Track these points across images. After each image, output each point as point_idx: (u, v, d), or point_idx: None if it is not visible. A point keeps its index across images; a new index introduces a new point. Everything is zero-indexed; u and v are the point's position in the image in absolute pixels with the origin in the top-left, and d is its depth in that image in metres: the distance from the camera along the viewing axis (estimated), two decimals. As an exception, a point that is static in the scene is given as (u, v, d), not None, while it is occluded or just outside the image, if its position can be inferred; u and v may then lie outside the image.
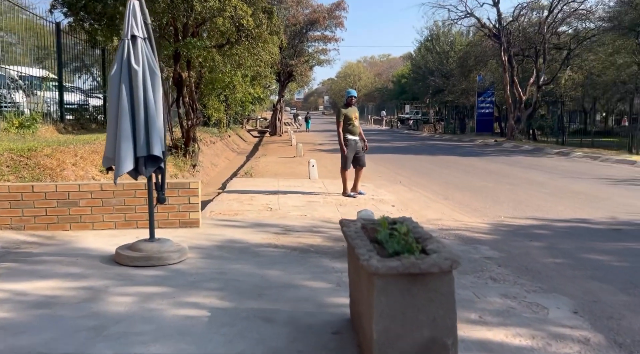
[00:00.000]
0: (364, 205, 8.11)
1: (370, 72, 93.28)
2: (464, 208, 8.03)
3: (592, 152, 17.84)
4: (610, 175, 12.03)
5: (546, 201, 8.47)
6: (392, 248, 2.69)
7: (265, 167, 14.36)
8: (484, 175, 12.19)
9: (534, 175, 12.18)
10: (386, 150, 20.31)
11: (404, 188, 10.21)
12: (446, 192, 9.65)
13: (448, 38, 43.24)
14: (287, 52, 30.59)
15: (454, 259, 2.53)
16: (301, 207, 7.72)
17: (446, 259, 2.53)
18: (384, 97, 73.18)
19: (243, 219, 6.78)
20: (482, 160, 16.15)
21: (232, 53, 11.95)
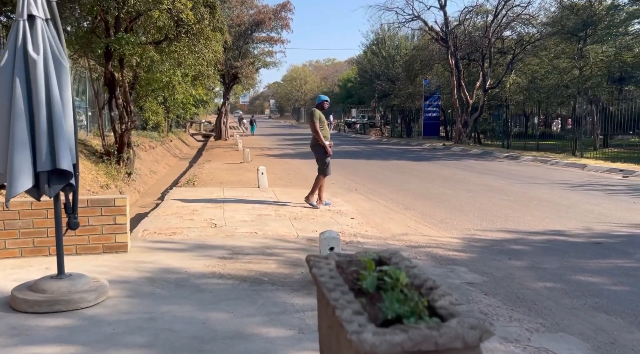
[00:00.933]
0: (320, 217, 7.32)
1: (316, 76, 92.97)
2: (428, 219, 7.38)
3: (541, 156, 17.85)
4: (565, 180, 11.80)
5: (512, 210, 7.96)
6: (392, 311, 1.89)
7: (210, 174, 13.32)
8: (440, 181, 11.68)
9: (490, 180, 11.78)
10: (337, 155, 19.57)
11: (361, 197, 9.50)
12: (405, 201, 9.01)
13: (394, 42, 43.29)
14: (231, 53, 29.51)
15: (484, 328, 1.75)
16: (250, 222, 6.83)
17: (472, 328, 1.74)
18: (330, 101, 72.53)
19: (182, 239, 5.82)
20: (435, 165, 15.74)
21: (170, 50, 10.89)
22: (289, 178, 12.36)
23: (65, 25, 10.78)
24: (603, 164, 14.58)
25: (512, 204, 8.49)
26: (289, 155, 19.83)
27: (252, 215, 7.39)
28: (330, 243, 4.18)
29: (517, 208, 8.13)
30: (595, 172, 13.52)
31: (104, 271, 4.47)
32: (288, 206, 8.20)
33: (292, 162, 16.92)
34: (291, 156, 19.29)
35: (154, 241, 5.74)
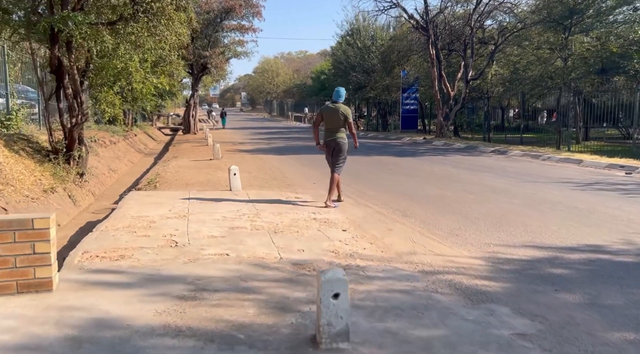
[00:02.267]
0: (306, 229, 6.07)
1: (288, 68, 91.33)
2: (434, 230, 6.19)
3: (530, 150, 16.95)
4: (568, 178, 10.81)
5: (527, 217, 6.84)
6: None
7: (175, 173, 11.90)
8: (433, 181, 10.54)
9: (488, 179, 10.71)
10: (313, 150, 18.33)
11: (349, 200, 8.27)
12: (401, 205, 7.82)
13: (369, 32, 42.12)
14: (200, 42, 27.90)
15: None
16: (221, 239, 5.53)
17: None
18: (303, 94, 71.65)
19: (132, 267, 4.48)
20: (422, 161, 14.63)
21: (126, 32, 9.42)
22: (264, 178, 11.05)
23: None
24: (600, 159, 13.70)
25: (524, 209, 7.38)
26: (263, 150, 18.48)
27: (222, 227, 6.08)
28: (335, 288, 2.92)
29: (531, 214, 7.02)
30: (594, 169, 12.60)
31: (10, 328, 3.13)
32: (265, 214, 6.92)
33: (267, 158, 15.59)
34: (265, 151, 17.95)
35: (93, 270, 4.38)
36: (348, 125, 7.79)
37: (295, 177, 11.38)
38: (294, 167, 13.24)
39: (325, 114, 7.78)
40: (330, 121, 7.71)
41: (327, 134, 7.83)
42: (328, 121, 7.74)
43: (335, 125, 7.69)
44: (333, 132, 7.73)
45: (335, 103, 7.74)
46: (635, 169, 11.82)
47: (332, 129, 7.74)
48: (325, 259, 4.84)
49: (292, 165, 13.81)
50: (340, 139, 7.75)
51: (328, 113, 7.74)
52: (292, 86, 79.52)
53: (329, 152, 7.88)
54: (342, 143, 7.77)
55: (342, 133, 7.78)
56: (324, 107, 7.95)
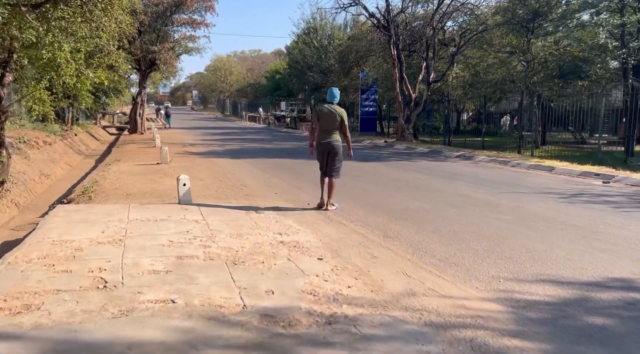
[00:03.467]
0: (273, 257, 4.94)
1: (242, 66, 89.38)
2: (425, 256, 5.19)
3: (496, 156, 16.36)
4: (548, 188, 10.11)
5: (528, 238, 5.95)
6: None
7: (116, 180, 10.48)
8: (406, 190, 9.61)
9: (464, 188, 9.87)
10: (272, 153, 17.19)
11: (320, 216, 7.17)
12: (379, 222, 6.80)
13: (326, 31, 41.25)
14: (148, 36, 26.17)
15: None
16: (165, 275, 4.32)
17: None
18: (257, 93, 70.21)
19: (37, 328, 3.23)
20: (389, 167, 13.72)
21: (56, 17, 7.98)
22: (219, 187, 9.81)
23: None
24: (571, 166, 13.17)
25: (519, 227, 6.50)
26: (217, 153, 17.13)
27: (168, 257, 4.86)
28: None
29: (530, 234, 6.13)
30: (569, 177, 12.02)
31: None
32: (222, 236, 5.73)
33: (221, 162, 14.29)
34: (219, 154, 16.62)
35: (-22, 335, 3.10)
36: (343, 128, 7.50)
37: (255, 185, 10.20)
38: (252, 173, 12.03)
39: (321, 116, 7.42)
40: (326, 123, 7.41)
41: (321, 136, 7.50)
42: (324, 123, 7.43)
43: (331, 127, 7.42)
44: (328, 135, 7.45)
45: (331, 105, 7.46)
46: (611, 178, 11.29)
47: (327, 131, 7.45)
48: (303, 306, 3.73)
49: (250, 170, 12.59)
50: (336, 142, 7.50)
51: (324, 114, 7.40)
52: (246, 85, 77.88)
53: (324, 156, 7.56)
54: (338, 146, 7.52)
55: (338, 136, 7.53)
56: (319, 108, 7.55)
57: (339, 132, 7.55)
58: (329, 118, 7.42)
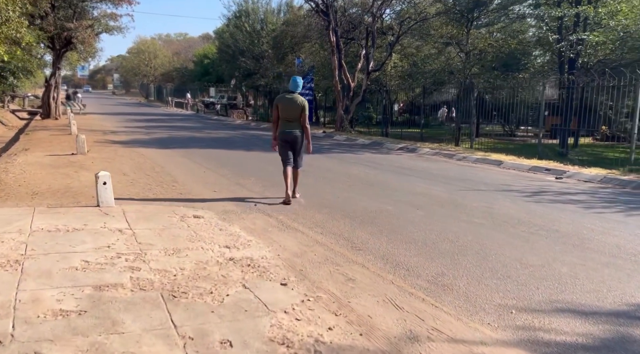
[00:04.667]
0: (224, 285, 3.85)
1: (168, 50, 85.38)
2: (410, 277, 4.29)
3: (439, 149, 15.92)
4: (506, 184, 9.60)
5: (516, 248, 5.21)
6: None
7: (21, 175, 8.86)
8: (361, 187, 8.73)
9: (421, 185, 9.14)
10: (205, 143, 15.78)
11: (271, 221, 6.11)
12: (340, 228, 5.85)
13: (258, 15, 39.66)
14: (63, 12, 23.69)
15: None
16: (77, 319, 3.13)
17: None
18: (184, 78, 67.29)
19: None
20: (333, 160, 12.82)
21: None
22: (146, 183, 8.47)
23: None
24: (518, 161, 12.86)
25: (497, 233, 5.77)
26: (142, 142, 15.50)
27: (82, 288, 3.64)
28: None
29: (514, 243, 5.40)
30: (519, 172, 11.64)
31: None
32: (154, 252, 4.55)
33: (148, 153, 12.78)
34: (145, 144, 15.02)
35: None
36: (302, 119, 7.23)
37: (189, 181, 8.93)
38: (184, 166, 10.71)
39: (283, 105, 7.17)
40: (289, 113, 7.16)
41: (284, 126, 7.21)
42: (286, 113, 7.17)
43: (293, 116, 7.18)
44: (292, 124, 7.20)
45: (292, 94, 7.22)
46: (563, 173, 11.01)
47: (291, 121, 7.18)
48: (277, 366, 2.70)
49: (182, 163, 11.25)
50: (300, 132, 7.28)
51: (286, 104, 7.16)
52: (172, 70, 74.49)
53: (287, 146, 7.27)
54: (301, 136, 7.32)
55: (299, 126, 7.28)
56: (280, 97, 7.30)
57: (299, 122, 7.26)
58: (292, 108, 7.16)
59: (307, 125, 7.28)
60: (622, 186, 9.63)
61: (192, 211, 6.44)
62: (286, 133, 7.19)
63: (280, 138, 7.25)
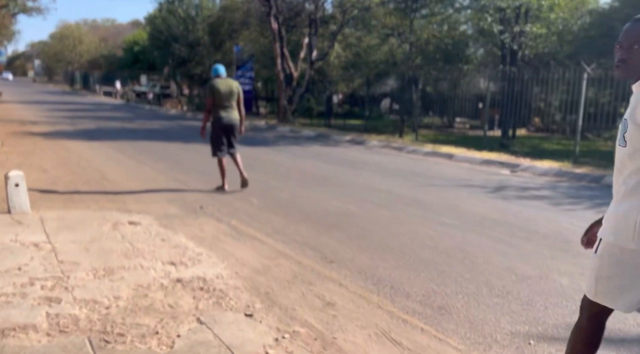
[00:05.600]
0: (172, 321, 3.01)
1: (94, 36, 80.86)
2: (397, 297, 3.62)
3: (387, 141, 15.48)
4: (464, 179, 9.19)
5: (501, 254, 4.67)
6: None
7: None
8: (315, 184, 8.02)
9: (377, 180, 8.55)
10: (138, 135, 14.50)
11: (221, 227, 5.27)
12: (302, 232, 5.12)
13: (193, 0, 37.88)
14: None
15: None
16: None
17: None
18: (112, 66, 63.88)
19: None
20: (281, 153, 12.02)
21: None
22: (72, 181, 7.36)
23: None
24: (469, 153, 12.57)
25: (476, 236, 5.23)
26: (67, 134, 14.01)
27: (-21, 336, 2.70)
28: None
29: (498, 248, 4.87)
30: (472, 165, 11.33)
31: None
32: (80, 275, 3.63)
33: (74, 146, 11.45)
34: (69, 136, 13.57)
35: None
36: (238, 103, 7.09)
37: (121, 178, 7.88)
38: (116, 161, 9.58)
39: (219, 91, 6.88)
40: (225, 98, 6.92)
41: (223, 112, 6.94)
42: (222, 98, 6.91)
43: (230, 102, 6.97)
44: (229, 110, 6.98)
45: (225, 78, 7.06)
46: (516, 166, 10.79)
47: (227, 107, 6.96)
48: None
49: (113, 157, 10.08)
50: (237, 117, 7.11)
51: (222, 89, 6.90)
52: (99, 56, 70.67)
53: (226, 133, 7.04)
54: (238, 121, 7.15)
55: (236, 111, 7.09)
56: (215, 82, 6.95)
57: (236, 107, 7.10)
58: (228, 92, 6.94)
59: (243, 109, 7.18)
60: (577, 179, 9.47)
61: (126, 217, 5.49)
62: (224, 120, 6.96)
63: (218, 125, 6.98)
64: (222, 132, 7.00)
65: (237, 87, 7.04)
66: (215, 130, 7.02)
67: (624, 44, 1.94)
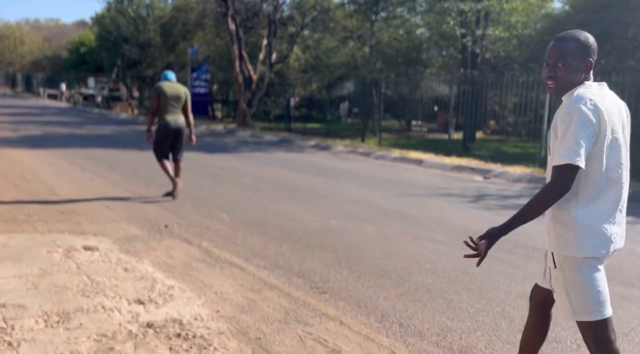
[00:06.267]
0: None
1: (37, 36, 77.26)
2: (410, 338, 3.14)
3: (353, 146, 15.07)
4: (442, 187, 8.87)
5: (509, 278, 4.28)
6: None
7: None
8: (288, 196, 7.48)
9: (351, 190, 8.09)
10: (88, 142, 13.52)
11: (193, 251, 4.65)
12: (286, 256, 4.58)
13: (143, 0, 36.55)
14: None
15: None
16: None
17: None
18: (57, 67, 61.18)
19: None
20: (244, 161, 11.39)
21: None
22: (14, 197, 6.53)
23: None
24: (438, 159, 12.32)
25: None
26: (8, 141, 12.88)
27: None
28: None
29: (501, 269, 4.48)
30: (444, 171, 11.05)
31: None
32: (26, 324, 2.96)
33: (16, 155, 10.46)
34: (12, 143, 12.47)
35: None
36: (185, 108, 6.84)
37: (72, 192, 7.10)
38: (64, 173, 8.73)
39: (165, 93, 6.61)
40: (172, 102, 6.67)
41: (168, 117, 6.67)
42: (168, 102, 6.65)
43: (177, 107, 6.73)
44: (176, 115, 6.75)
45: (173, 82, 6.85)
46: (488, 172, 10.58)
47: (174, 112, 6.72)
48: None
49: (62, 168, 9.22)
50: (183, 123, 6.87)
51: (169, 92, 6.64)
52: (43, 57, 67.56)
53: (170, 138, 6.76)
54: (184, 127, 6.92)
55: (182, 117, 6.88)
56: (162, 85, 6.71)
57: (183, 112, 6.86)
58: (175, 97, 6.71)
59: (191, 115, 6.93)
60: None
61: (81, 240, 4.80)
62: (169, 125, 6.69)
63: (163, 130, 6.72)
64: (167, 137, 6.73)
65: (185, 93, 6.81)
66: (160, 135, 6.74)
67: (549, 62, 2.01)
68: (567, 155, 1.86)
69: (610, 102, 1.98)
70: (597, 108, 1.89)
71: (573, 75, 1.98)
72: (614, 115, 1.95)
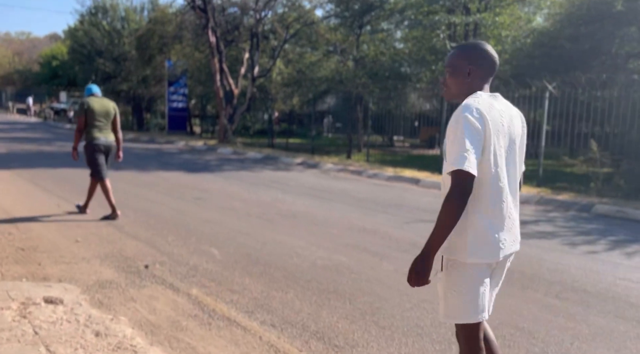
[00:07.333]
0: None
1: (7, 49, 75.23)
2: None
3: (343, 164, 14.30)
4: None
5: (573, 335, 3.52)
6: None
7: None
8: (286, 225, 6.64)
9: (353, 216, 7.29)
10: (58, 160, 12.43)
11: (181, 300, 3.77)
12: (292, 305, 3.75)
13: (118, 13, 35.54)
14: None
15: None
16: None
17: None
18: (28, 81, 59.46)
19: None
20: (229, 181, 10.50)
21: None
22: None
23: None
24: (433, 177, 11.61)
25: (513, 300, 4.07)
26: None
27: None
28: None
29: (556, 321, 3.72)
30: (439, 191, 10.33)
31: None
32: None
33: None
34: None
35: None
36: (114, 123, 6.63)
37: (35, 223, 6.12)
38: (28, 198, 7.73)
39: (92, 110, 6.36)
40: (100, 118, 6.44)
41: (97, 132, 6.42)
42: (97, 118, 6.40)
43: (106, 123, 6.50)
44: (104, 131, 6.50)
45: (100, 98, 6.61)
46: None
47: (102, 128, 6.47)
48: None
49: (25, 192, 8.21)
50: (113, 141, 6.65)
51: (97, 108, 6.40)
52: (13, 71, 65.73)
53: (99, 155, 6.48)
54: (114, 145, 6.70)
55: (112, 134, 6.64)
56: (88, 100, 6.44)
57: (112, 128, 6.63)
58: (104, 112, 6.48)
59: (120, 131, 6.69)
60: (564, 208, 8.65)
61: (42, 290, 3.89)
62: (102, 140, 6.48)
63: (90, 147, 6.44)
64: (99, 154, 6.49)
65: (114, 108, 6.63)
66: (90, 152, 6.48)
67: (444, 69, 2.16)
68: (456, 162, 1.86)
69: (500, 111, 2.00)
70: (482, 117, 1.92)
71: (457, 80, 2.09)
72: (501, 125, 1.97)
